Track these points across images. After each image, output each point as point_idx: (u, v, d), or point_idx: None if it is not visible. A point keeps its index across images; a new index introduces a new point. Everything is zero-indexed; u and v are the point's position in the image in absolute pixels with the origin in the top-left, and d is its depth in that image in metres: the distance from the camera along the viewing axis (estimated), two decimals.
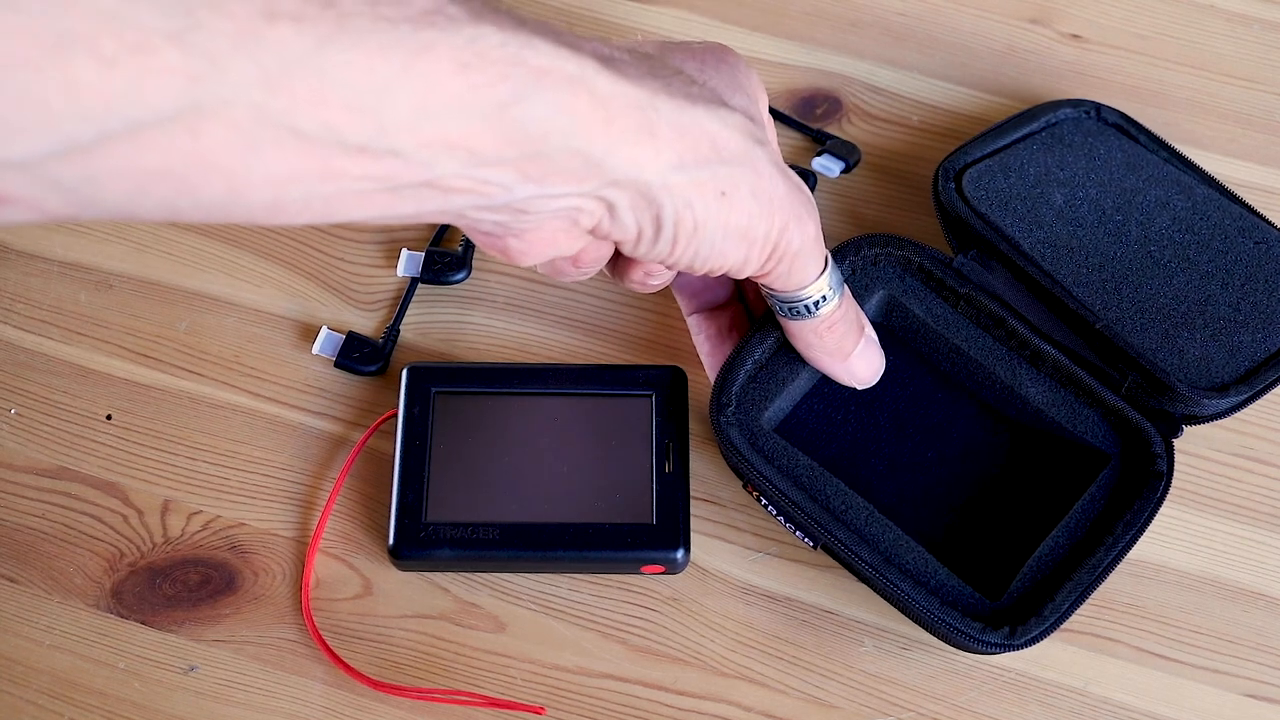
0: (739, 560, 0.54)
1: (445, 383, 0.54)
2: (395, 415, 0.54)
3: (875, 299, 0.55)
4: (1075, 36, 0.67)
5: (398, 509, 0.51)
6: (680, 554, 0.51)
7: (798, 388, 0.54)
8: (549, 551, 0.50)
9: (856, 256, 0.55)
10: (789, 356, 0.53)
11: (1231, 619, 0.53)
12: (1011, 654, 0.50)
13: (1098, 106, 0.61)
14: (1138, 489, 0.52)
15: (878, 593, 0.51)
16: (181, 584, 0.53)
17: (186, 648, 0.52)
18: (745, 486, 0.53)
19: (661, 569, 0.51)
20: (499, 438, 0.53)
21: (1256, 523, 0.55)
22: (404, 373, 0.54)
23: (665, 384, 0.54)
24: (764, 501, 0.52)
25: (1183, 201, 0.58)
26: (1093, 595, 0.50)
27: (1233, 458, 0.56)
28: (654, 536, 0.51)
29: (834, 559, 0.52)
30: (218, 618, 0.52)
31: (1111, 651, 0.52)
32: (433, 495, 0.51)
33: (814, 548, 0.52)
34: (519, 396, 0.53)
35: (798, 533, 0.52)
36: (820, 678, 0.52)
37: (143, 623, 0.52)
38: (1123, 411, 0.53)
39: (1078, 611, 0.49)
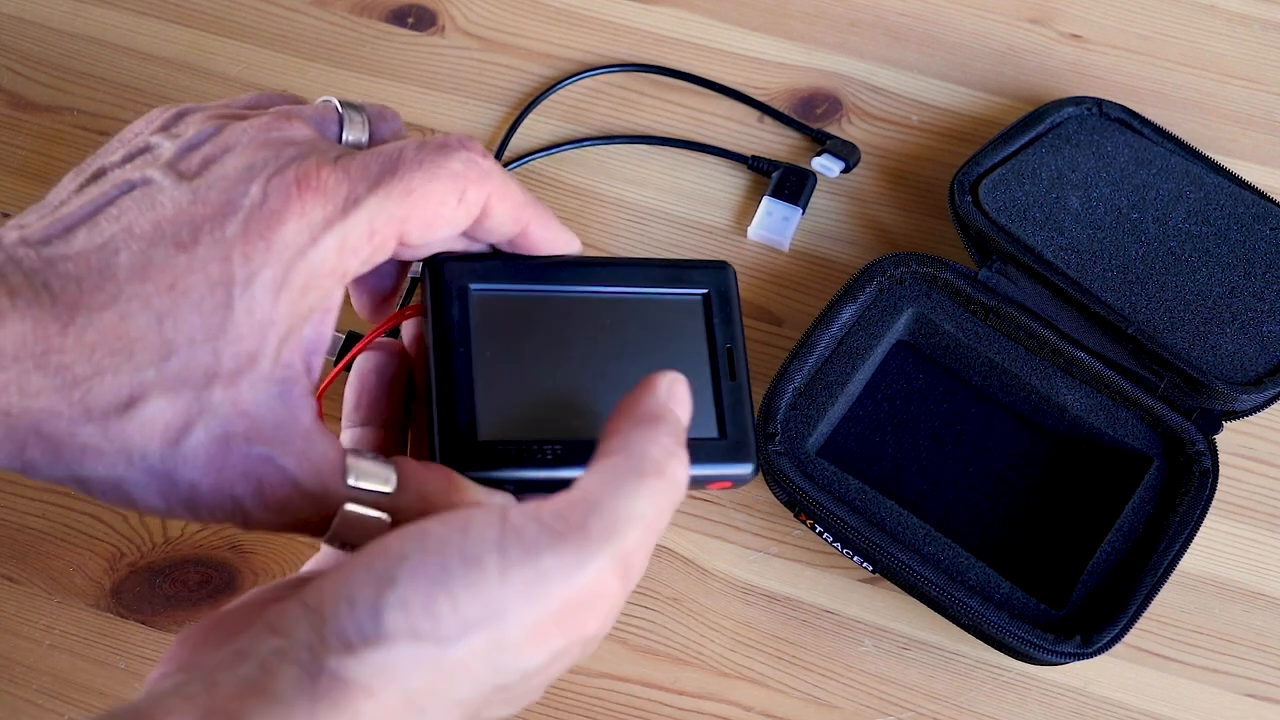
0: (739, 560, 0.54)
1: (481, 279, 0.45)
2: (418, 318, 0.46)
3: (904, 318, 0.55)
4: (1075, 36, 0.67)
5: (442, 426, 0.43)
6: (750, 469, 0.46)
7: (836, 411, 0.54)
8: None
9: (884, 277, 0.55)
10: (826, 380, 0.53)
11: (1231, 619, 0.53)
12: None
13: (1099, 102, 0.61)
14: (1185, 488, 0.52)
15: (941, 612, 0.51)
16: (181, 584, 0.53)
17: None
18: (798, 515, 0.52)
19: (729, 485, 0.47)
20: (548, 345, 0.46)
21: (1256, 523, 0.55)
22: (423, 267, 0.45)
23: (717, 283, 0.48)
24: (819, 529, 0.52)
25: (1195, 193, 0.58)
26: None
27: (1232, 458, 0.56)
28: (723, 452, 0.46)
29: (893, 581, 0.51)
30: None
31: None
32: (483, 412, 0.44)
33: (872, 571, 0.51)
34: (564, 298, 0.46)
35: (855, 557, 0.51)
36: (820, 678, 0.52)
37: (143, 623, 0.52)
38: (1161, 413, 0.53)
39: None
